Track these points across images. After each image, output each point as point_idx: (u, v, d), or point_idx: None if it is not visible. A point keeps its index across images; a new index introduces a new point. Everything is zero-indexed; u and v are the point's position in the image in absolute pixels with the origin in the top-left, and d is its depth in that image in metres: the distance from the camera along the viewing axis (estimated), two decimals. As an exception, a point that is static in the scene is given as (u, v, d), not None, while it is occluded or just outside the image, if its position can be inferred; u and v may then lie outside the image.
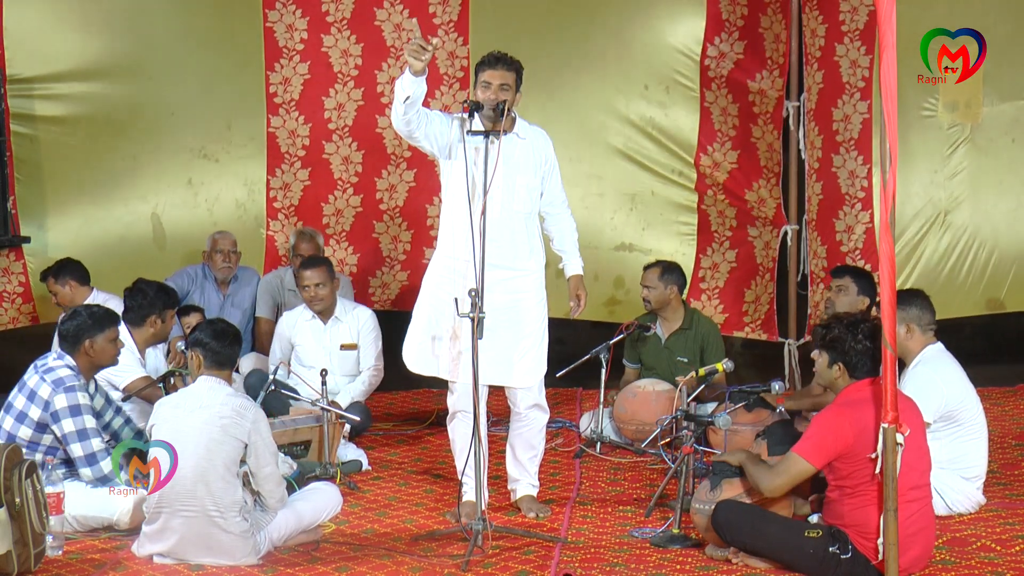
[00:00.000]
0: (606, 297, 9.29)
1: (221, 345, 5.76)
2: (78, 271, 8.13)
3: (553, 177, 6.37)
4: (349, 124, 9.25)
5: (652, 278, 7.84)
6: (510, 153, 6.12)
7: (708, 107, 9.05)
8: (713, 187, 9.11)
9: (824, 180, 8.98)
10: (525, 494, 6.44)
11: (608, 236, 9.25)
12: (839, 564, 5.33)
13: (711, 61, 8.98)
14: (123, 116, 9.10)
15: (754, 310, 9.26)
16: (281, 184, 9.30)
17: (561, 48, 9.09)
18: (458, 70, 9.15)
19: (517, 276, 6.22)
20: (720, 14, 8.95)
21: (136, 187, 9.18)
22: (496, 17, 9.04)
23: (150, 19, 9.05)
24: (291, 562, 5.69)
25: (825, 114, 8.92)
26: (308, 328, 7.80)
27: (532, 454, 6.43)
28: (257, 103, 9.19)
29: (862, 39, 8.76)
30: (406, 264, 9.45)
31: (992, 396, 8.11)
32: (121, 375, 6.88)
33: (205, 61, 9.13)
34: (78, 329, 6.17)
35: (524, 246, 6.24)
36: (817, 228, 9.02)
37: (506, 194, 6.14)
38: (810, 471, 5.43)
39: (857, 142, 8.87)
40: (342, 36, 9.16)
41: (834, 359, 5.52)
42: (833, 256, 8.96)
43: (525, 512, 6.38)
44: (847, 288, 7.29)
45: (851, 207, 8.92)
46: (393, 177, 9.34)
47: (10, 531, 5.35)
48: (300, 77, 9.18)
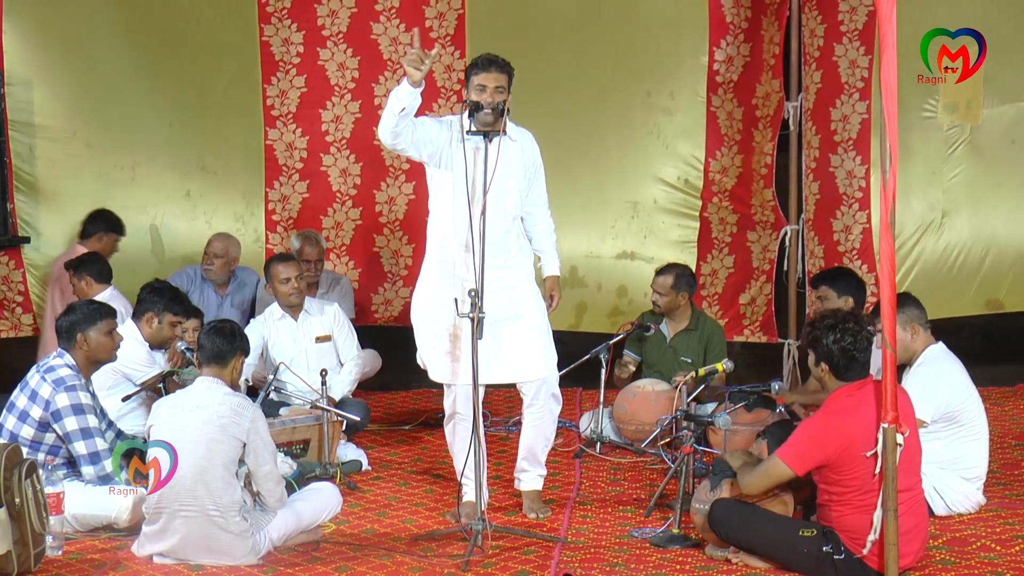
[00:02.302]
0: (609, 307, 9.26)
1: (210, 340, 5.79)
2: (97, 268, 8.12)
3: (538, 178, 6.44)
4: (347, 137, 9.21)
5: (664, 285, 7.82)
6: (504, 155, 6.16)
7: (714, 111, 9.03)
8: (720, 193, 9.10)
9: (822, 180, 8.98)
10: (532, 488, 6.47)
11: (609, 244, 9.24)
12: (833, 564, 5.34)
13: (719, 66, 8.96)
14: (121, 128, 9.08)
15: (751, 312, 9.26)
16: (279, 197, 9.27)
17: (559, 58, 9.06)
18: (455, 83, 9.11)
19: (508, 273, 6.29)
20: (724, 17, 8.93)
21: (135, 198, 9.17)
22: (492, 29, 8.99)
23: (148, 31, 9.01)
24: (291, 562, 5.69)
25: (823, 114, 8.91)
26: (280, 327, 7.75)
27: (545, 444, 6.49)
28: (255, 116, 9.15)
29: (861, 39, 8.75)
30: (408, 279, 9.37)
31: (992, 396, 8.11)
32: (140, 369, 6.92)
33: (203, 73, 9.10)
34: (71, 324, 6.21)
35: (514, 244, 6.34)
36: (814, 228, 9.02)
37: (500, 195, 6.19)
38: (787, 474, 5.44)
39: (856, 142, 8.86)
40: (338, 50, 9.11)
41: (818, 358, 5.52)
42: (830, 256, 8.96)
43: (526, 511, 6.41)
44: (826, 296, 7.24)
45: (848, 207, 8.92)
46: (392, 189, 9.31)
47: (10, 531, 5.36)
48: (297, 90, 9.14)
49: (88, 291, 8.00)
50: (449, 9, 9.03)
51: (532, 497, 6.45)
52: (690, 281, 7.89)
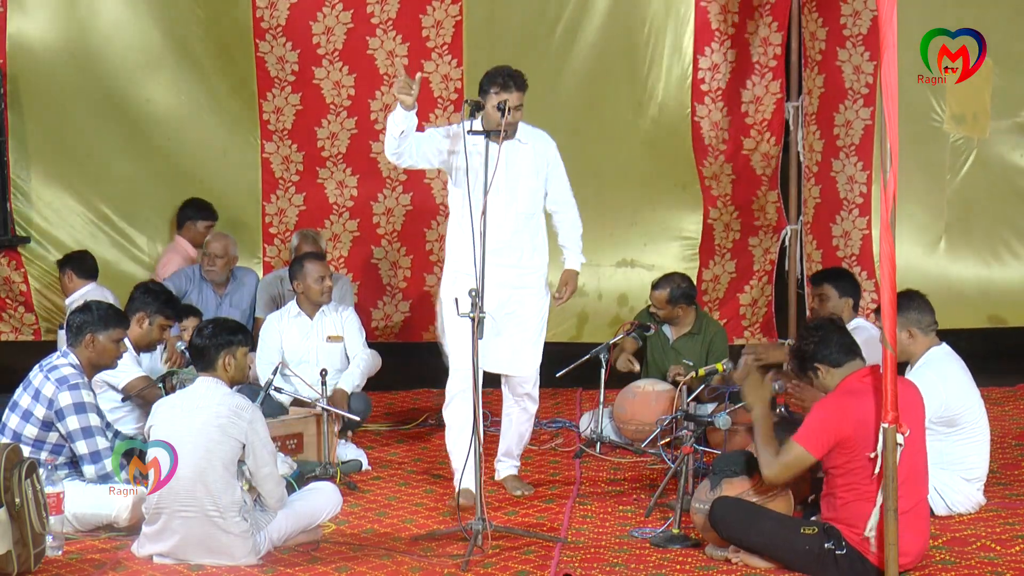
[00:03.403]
0: (610, 316, 9.25)
1: (192, 342, 5.79)
2: (80, 264, 8.22)
3: (556, 177, 6.72)
4: (343, 152, 9.19)
5: (660, 299, 7.81)
6: (512, 157, 6.45)
7: (699, 121, 9.03)
8: (721, 198, 9.10)
9: (823, 184, 8.97)
10: (509, 473, 6.87)
11: (609, 252, 9.24)
12: (835, 561, 5.34)
13: (704, 74, 8.96)
14: (119, 141, 9.09)
15: (751, 313, 9.27)
16: (276, 210, 9.27)
17: (554, 67, 9.07)
18: (452, 92, 9.11)
19: (520, 273, 6.59)
20: (710, 23, 8.92)
21: (133, 211, 9.18)
22: (489, 39, 9.01)
23: (146, 44, 9.00)
24: (291, 562, 5.69)
25: (827, 118, 8.88)
26: (295, 325, 7.76)
27: (520, 441, 6.90)
28: (251, 129, 9.15)
29: (866, 44, 8.67)
30: (407, 293, 9.39)
31: (992, 396, 8.09)
32: (119, 375, 6.87)
33: (200, 86, 9.09)
34: (83, 323, 6.19)
35: (527, 245, 6.61)
36: (813, 231, 9.01)
37: (508, 195, 6.47)
38: (809, 460, 5.41)
39: (858, 148, 8.82)
40: (334, 68, 9.06)
41: (814, 365, 5.51)
42: (828, 261, 8.95)
43: (511, 491, 6.73)
44: (827, 295, 7.14)
45: (849, 212, 8.91)
46: (390, 201, 9.28)
47: (10, 531, 5.35)
48: (292, 107, 9.12)
49: (70, 285, 8.05)
50: (447, 17, 9.01)
51: (512, 480, 6.84)
52: (688, 292, 7.85)
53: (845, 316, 7.07)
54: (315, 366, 7.40)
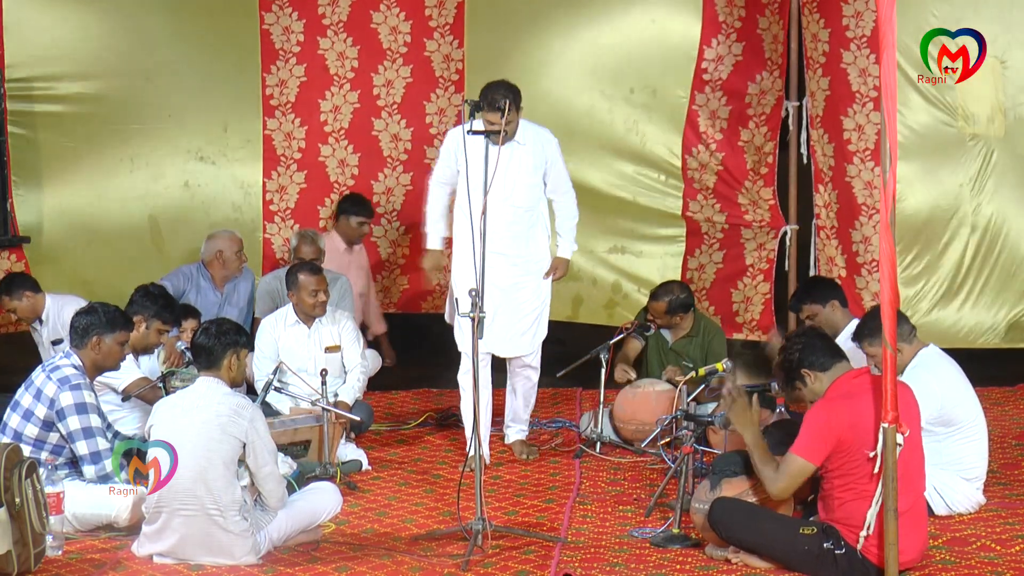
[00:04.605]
0: (605, 300, 9.29)
1: (197, 342, 5.79)
2: (29, 281, 8.06)
3: (555, 169, 7.20)
4: (345, 127, 9.26)
5: (659, 310, 7.82)
6: (510, 157, 6.89)
7: (696, 110, 9.02)
8: (703, 191, 9.09)
9: (840, 189, 8.81)
10: (518, 438, 7.42)
11: (600, 239, 9.22)
12: (835, 561, 5.35)
13: (708, 64, 8.96)
14: (120, 118, 9.09)
15: (745, 310, 9.26)
16: (277, 187, 9.30)
17: (554, 50, 9.08)
18: (453, 73, 9.16)
19: (518, 262, 7.11)
20: (717, 16, 8.92)
21: (133, 189, 9.18)
22: (491, 19, 9.05)
23: (147, 21, 9.02)
24: (291, 562, 5.69)
25: (834, 122, 8.74)
26: (292, 333, 7.73)
27: (526, 406, 7.43)
28: (253, 105, 9.19)
29: (871, 46, 8.53)
30: (405, 269, 9.44)
31: (992, 396, 8.10)
32: (119, 376, 6.87)
33: (202, 63, 9.12)
34: (89, 324, 6.18)
35: (523, 236, 7.11)
36: (839, 236, 8.89)
37: (506, 191, 6.91)
38: (810, 469, 5.42)
39: (873, 153, 8.57)
40: (338, 39, 9.15)
41: (800, 372, 5.52)
42: (851, 267, 8.83)
43: (518, 455, 7.31)
44: (813, 312, 7.08)
45: (868, 218, 8.74)
46: (390, 180, 9.35)
47: (10, 531, 5.36)
48: (296, 80, 9.18)
49: (35, 305, 7.86)
50: None
51: (519, 444, 7.39)
52: (686, 302, 7.85)
53: (839, 317, 7.06)
54: (314, 376, 7.38)
